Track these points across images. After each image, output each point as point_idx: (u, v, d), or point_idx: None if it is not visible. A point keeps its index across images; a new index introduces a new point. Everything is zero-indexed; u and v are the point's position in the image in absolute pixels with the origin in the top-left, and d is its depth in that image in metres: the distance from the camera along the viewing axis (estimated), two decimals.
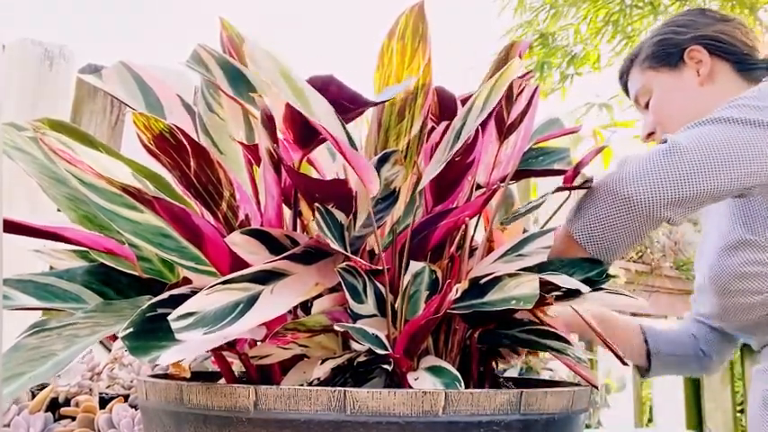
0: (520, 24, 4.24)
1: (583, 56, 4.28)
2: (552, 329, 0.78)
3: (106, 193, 0.73)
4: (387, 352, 0.68)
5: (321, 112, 0.65)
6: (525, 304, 0.66)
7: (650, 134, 1.24)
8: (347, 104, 0.67)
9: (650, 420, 3.03)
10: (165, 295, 0.66)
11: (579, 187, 0.87)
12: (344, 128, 0.67)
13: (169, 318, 0.60)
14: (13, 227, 0.70)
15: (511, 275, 0.70)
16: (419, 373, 0.70)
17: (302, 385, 0.70)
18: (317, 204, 0.70)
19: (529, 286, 0.68)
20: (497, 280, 0.71)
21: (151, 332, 0.63)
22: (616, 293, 0.80)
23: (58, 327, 0.65)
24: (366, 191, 0.70)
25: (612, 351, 0.86)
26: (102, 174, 0.65)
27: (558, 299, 0.76)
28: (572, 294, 0.76)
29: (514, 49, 0.82)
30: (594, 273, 0.81)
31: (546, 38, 4.24)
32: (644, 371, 1.29)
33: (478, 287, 0.71)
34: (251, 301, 0.64)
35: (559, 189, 0.85)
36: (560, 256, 0.87)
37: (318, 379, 0.69)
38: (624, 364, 0.88)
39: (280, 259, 0.68)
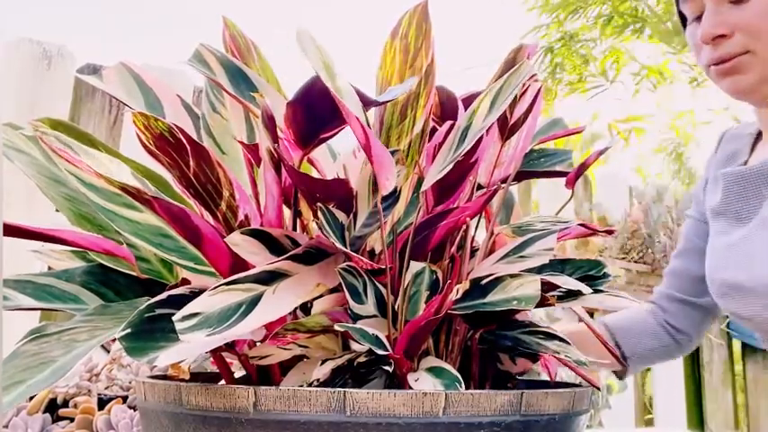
0: (540, 26, 4.23)
1: (602, 58, 4.28)
2: (554, 331, 0.77)
3: (106, 192, 0.73)
4: (387, 352, 0.68)
5: (353, 106, 0.65)
6: (527, 305, 0.66)
7: (722, 36, 1.03)
8: None
9: (651, 421, 3.03)
10: (164, 296, 0.66)
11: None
12: (369, 124, 0.67)
13: (173, 318, 0.60)
14: (10, 230, 0.70)
15: (513, 276, 0.70)
16: (419, 374, 0.70)
17: (302, 386, 0.70)
18: (319, 204, 0.70)
19: (531, 287, 0.67)
20: (499, 280, 0.70)
21: (149, 333, 0.62)
22: (616, 296, 0.79)
23: (57, 332, 0.64)
24: (380, 187, 0.69)
25: (615, 358, 0.85)
26: (101, 173, 0.65)
27: (558, 299, 0.76)
28: (573, 295, 0.76)
29: (523, 51, 0.82)
30: (594, 270, 0.81)
31: (567, 39, 4.22)
32: (621, 374, 1.18)
33: (480, 288, 0.71)
34: (254, 301, 0.64)
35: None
36: None
37: (318, 380, 0.69)
38: (620, 378, 0.87)
39: (282, 260, 0.67)
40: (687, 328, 1.17)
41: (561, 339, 0.77)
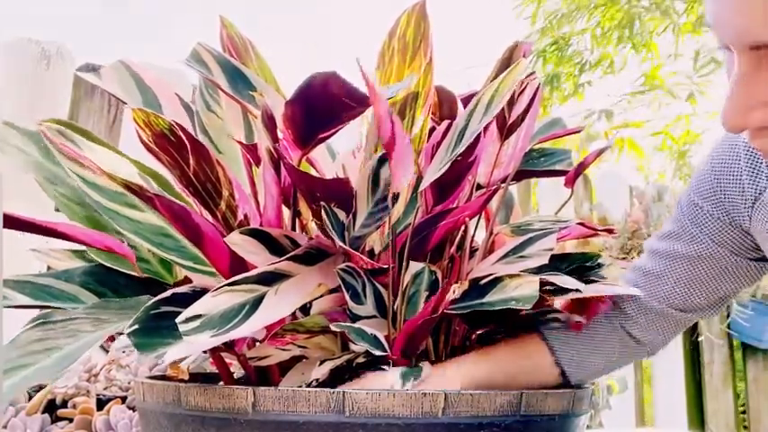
0: (536, 30, 4.22)
1: (596, 62, 4.26)
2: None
3: (107, 191, 0.73)
4: (384, 353, 0.67)
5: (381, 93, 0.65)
6: (525, 305, 0.66)
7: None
8: (349, 102, 0.67)
9: (652, 421, 3.03)
10: (168, 293, 0.66)
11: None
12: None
13: (177, 320, 0.60)
14: (11, 221, 0.70)
15: (511, 276, 0.70)
16: None
17: (301, 386, 0.70)
18: (322, 203, 0.69)
19: (529, 287, 0.67)
20: (498, 281, 0.70)
21: (156, 329, 0.63)
22: (611, 285, 0.80)
23: (62, 320, 0.65)
24: (394, 183, 0.69)
25: None
26: (105, 170, 0.65)
27: (554, 293, 0.76)
28: (569, 290, 0.76)
29: (518, 50, 0.82)
30: (589, 262, 0.81)
31: (561, 46, 4.21)
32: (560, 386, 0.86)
33: (478, 288, 0.71)
34: (256, 302, 0.64)
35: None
36: None
37: (317, 380, 0.69)
38: None
39: (283, 260, 0.67)
40: (654, 340, 0.88)
41: None
